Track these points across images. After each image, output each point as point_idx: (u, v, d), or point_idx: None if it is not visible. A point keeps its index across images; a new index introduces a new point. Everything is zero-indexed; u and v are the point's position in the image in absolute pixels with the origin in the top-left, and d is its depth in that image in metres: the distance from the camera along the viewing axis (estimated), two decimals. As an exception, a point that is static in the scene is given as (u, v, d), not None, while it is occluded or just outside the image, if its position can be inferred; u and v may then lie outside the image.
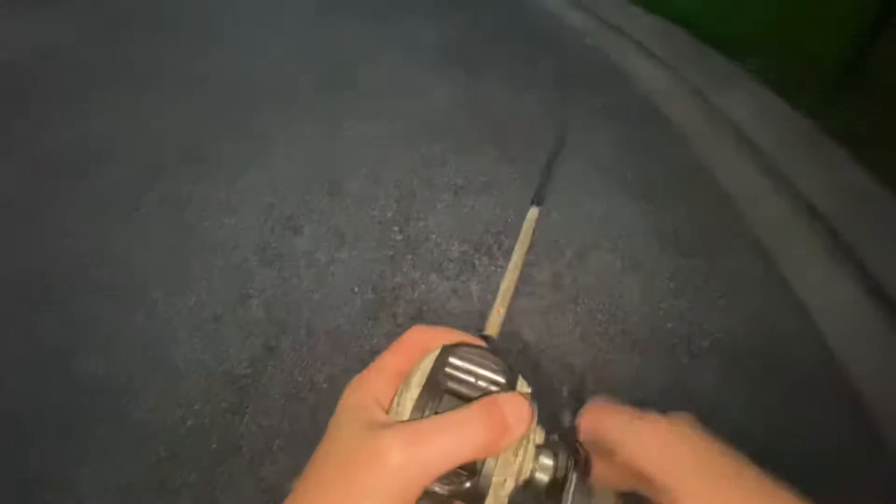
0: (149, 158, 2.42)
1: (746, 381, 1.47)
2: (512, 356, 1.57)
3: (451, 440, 0.21)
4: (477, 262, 1.89)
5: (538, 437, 0.25)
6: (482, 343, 0.27)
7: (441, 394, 0.24)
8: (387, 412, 0.24)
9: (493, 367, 0.25)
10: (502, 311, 0.30)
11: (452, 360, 0.25)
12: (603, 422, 0.29)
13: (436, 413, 0.23)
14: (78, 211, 2.11)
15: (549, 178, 0.37)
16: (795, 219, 1.82)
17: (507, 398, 0.23)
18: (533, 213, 0.33)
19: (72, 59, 3.36)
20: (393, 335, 1.34)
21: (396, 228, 2.00)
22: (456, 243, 1.95)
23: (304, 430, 1.42)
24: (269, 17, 3.91)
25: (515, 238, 1.54)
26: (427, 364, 0.25)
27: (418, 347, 0.27)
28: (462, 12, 3.82)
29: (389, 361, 0.27)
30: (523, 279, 1.78)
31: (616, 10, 3.61)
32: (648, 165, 2.30)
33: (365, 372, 0.26)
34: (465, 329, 0.29)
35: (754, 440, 1.34)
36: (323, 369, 1.56)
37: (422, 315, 1.71)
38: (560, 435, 0.27)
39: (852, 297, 1.52)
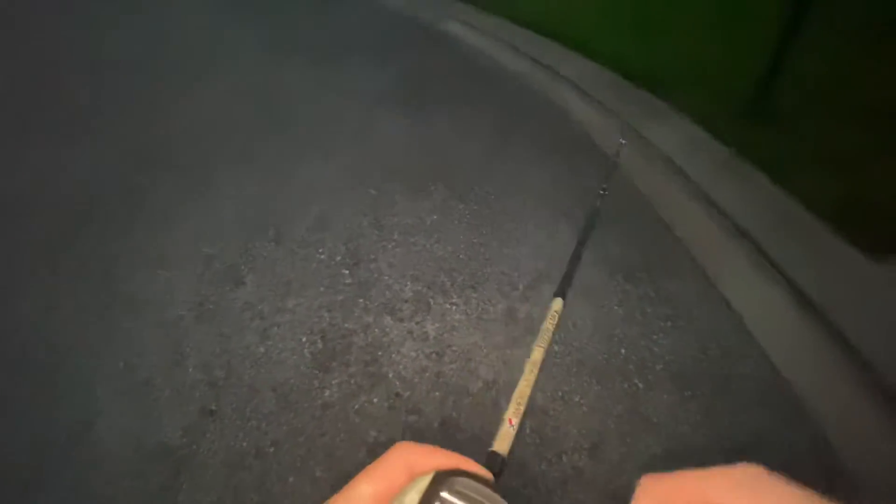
0: (75, 207, 2.26)
1: (700, 402, 1.49)
2: (469, 395, 1.52)
3: None
4: (431, 300, 1.85)
5: None
6: (481, 471, 0.23)
7: None
8: None
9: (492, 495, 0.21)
10: (515, 422, 0.25)
11: (445, 495, 0.20)
12: (673, 489, 0.24)
13: None
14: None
15: (576, 269, 0.34)
16: (726, 239, 1.93)
17: None
18: (557, 304, 0.29)
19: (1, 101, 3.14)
20: (345, 386, 1.27)
21: (346, 272, 1.95)
22: (409, 283, 1.91)
23: (249, 504, 1.29)
24: (212, 58, 3.87)
25: (468, 274, 1.52)
26: (413, 498, 0.21)
27: (402, 472, 0.22)
28: (406, 55, 3.94)
29: (365, 489, 0.22)
30: (477, 315, 1.76)
31: (552, 53, 3.85)
32: (589, 195, 2.39)
33: (333, 500, 0.22)
34: (461, 450, 0.24)
35: (715, 462, 1.34)
36: (269, 431, 1.44)
37: (377, 361, 1.64)
38: None
39: (784, 310, 1.61)
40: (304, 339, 1.69)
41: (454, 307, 1.81)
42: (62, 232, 2.13)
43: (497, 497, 0.21)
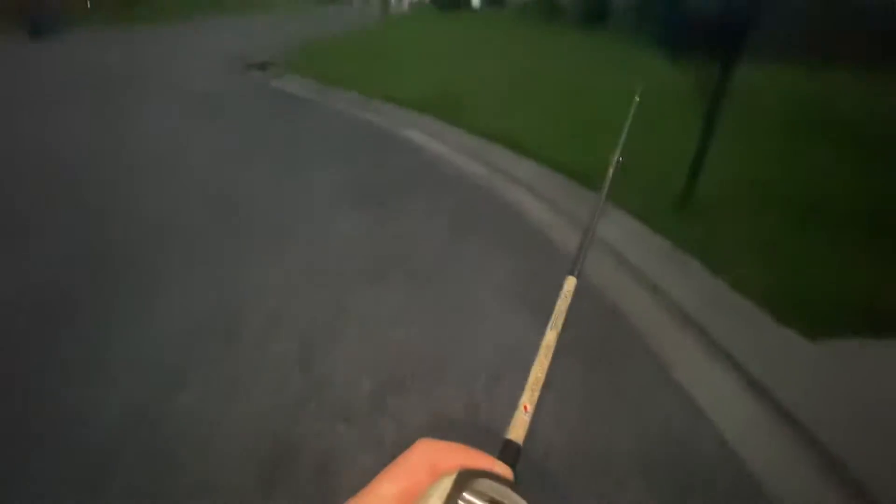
0: (6, 314, 2.10)
1: (670, 495, 1.43)
2: None
3: None
4: (389, 401, 1.76)
5: None
6: (504, 470, 0.23)
7: None
8: None
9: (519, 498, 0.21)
10: (530, 408, 0.25)
11: (468, 495, 0.20)
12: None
13: None
14: None
15: (588, 248, 0.32)
16: (675, 326, 2.01)
17: None
18: (570, 283, 0.29)
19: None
20: (294, 500, 1.14)
21: (298, 370, 1.85)
22: (365, 381, 1.83)
23: None
24: (174, 160, 3.96)
25: (427, 367, 1.48)
26: (446, 484, 0.21)
27: (425, 471, 0.22)
28: (369, 158, 4.20)
29: (388, 488, 0.21)
30: (436, 413, 1.68)
31: (504, 158, 4.21)
32: (545, 288, 2.47)
33: (354, 499, 0.21)
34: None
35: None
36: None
37: (327, 470, 1.50)
38: None
39: (734, 392, 1.64)
40: (249, 447, 1.54)
41: (413, 406, 1.73)
42: (1, 335, 1.96)
43: (518, 498, 0.21)
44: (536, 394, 0.25)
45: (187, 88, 7.06)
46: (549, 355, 0.26)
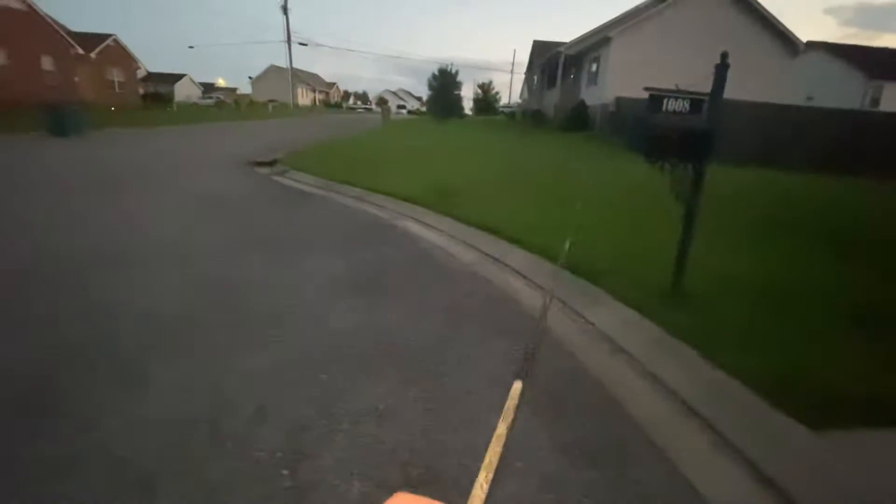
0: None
1: None
2: None
3: None
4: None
5: None
6: None
7: None
8: None
9: None
10: (485, 487, 0.26)
11: None
12: None
13: None
14: None
15: (536, 351, 0.35)
16: (676, 416, 1.95)
17: None
18: (516, 387, 0.31)
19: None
20: None
21: (285, 472, 1.73)
22: (356, 482, 1.71)
23: None
24: (173, 251, 4.03)
25: (423, 466, 1.43)
26: None
27: None
28: (363, 248, 4.32)
29: None
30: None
31: (497, 247, 4.36)
32: (541, 377, 2.42)
33: None
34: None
35: None
36: None
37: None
38: None
39: (745, 488, 1.54)
40: (221, 567, 1.39)
41: (406, 511, 1.60)
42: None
43: None
44: (490, 475, 0.27)
45: (194, 183, 7.44)
46: (501, 443, 0.28)
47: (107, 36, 30.94)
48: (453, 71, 31.68)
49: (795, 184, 7.42)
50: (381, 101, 76.81)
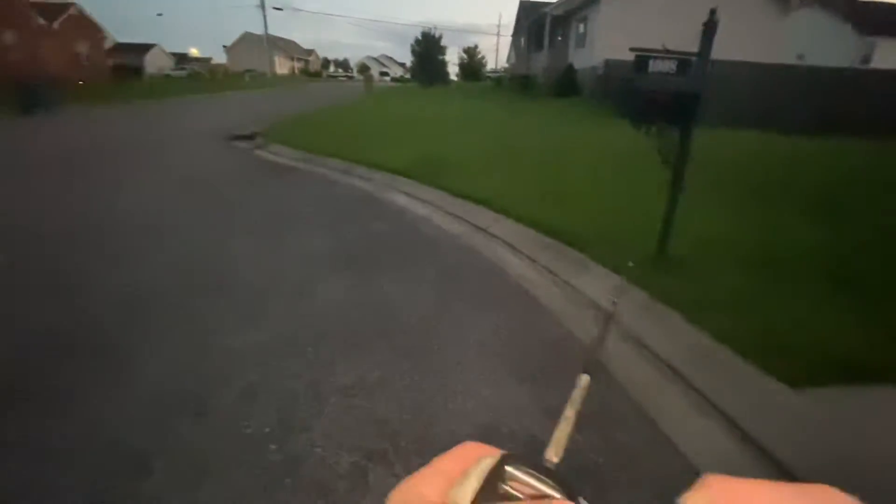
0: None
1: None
2: None
3: None
4: (371, 474, 1.67)
5: None
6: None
7: (498, 497, 0.22)
8: None
9: (552, 482, 0.23)
10: (556, 460, 0.26)
11: (510, 469, 0.23)
12: (738, 494, 0.21)
13: None
14: None
15: (601, 347, 0.35)
16: (661, 379, 1.99)
17: (559, 501, 0.22)
18: (585, 379, 0.32)
19: None
20: None
21: (274, 446, 1.75)
22: (345, 454, 1.74)
23: None
24: (154, 228, 3.95)
25: (412, 437, 1.44)
26: (488, 463, 0.23)
27: (473, 456, 0.24)
28: (350, 223, 4.26)
29: (442, 465, 0.25)
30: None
31: (484, 217, 4.33)
32: (527, 343, 2.45)
33: (413, 476, 0.24)
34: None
35: None
36: None
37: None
38: None
39: (724, 444, 1.60)
40: (216, 540, 1.41)
41: (396, 480, 1.63)
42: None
43: (554, 473, 0.23)
44: (560, 450, 0.27)
45: (171, 159, 7.21)
46: (570, 424, 0.29)
47: (68, 5, 29.17)
48: (437, 35, 30.70)
49: (787, 146, 7.44)
50: (363, 69, 74.45)
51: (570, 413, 0.29)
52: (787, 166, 6.06)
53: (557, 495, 0.22)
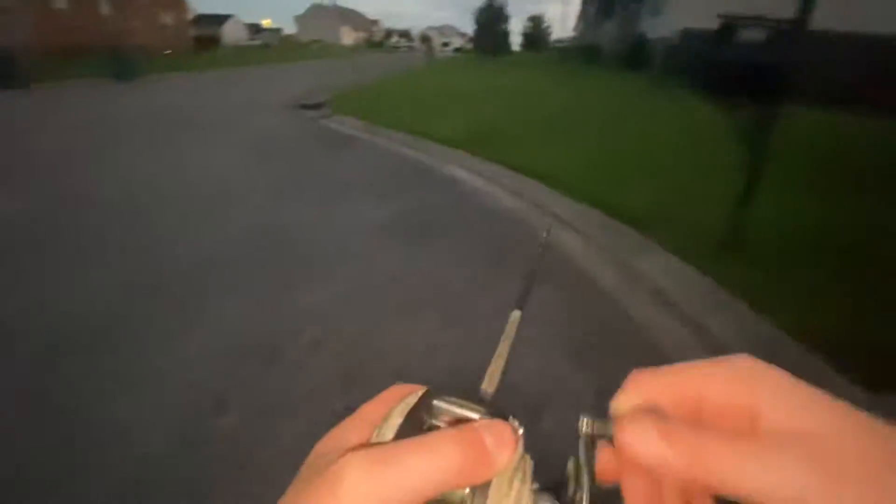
0: (63, 333, 2.29)
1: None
2: None
3: (420, 461, 0.18)
4: (421, 430, 1.77)
5: (533, 482, 0.22)
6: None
7: (424, 432, 0.21)
8: None
9: (480, 408, 0.22)
10: (490, 391, 0.26)
11: (437, 402, 0.23)
12: (667, 380, 0.22)
13: None
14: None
15: (532, 283, 0.34)
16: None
17: (485, 422, 0.21)
18: (516, 314, 0.32)
19: (20, 232, 3.38)
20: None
21: (336, 396, 1.90)
22: (399, 410, 1.85)
23: None
24: (222, 196, 4.26)
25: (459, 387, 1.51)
26: (411, 400, 0.23)
27: (398, 396, 0.24)
28: (408, 194, 4.35)
29: (369, 410, 0.24)
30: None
31: (542, 193, 4.26)
32: (581, 322, 2.44)
33: (340, 423, 0.24)
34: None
35: None
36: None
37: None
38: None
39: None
40: (287, 473, 1.58)
41: (446, 438, 1.73)
42: (49, 354, 2.14)
43: (482, 400, 0.22)
44: (495, 382, 0.27)
45: (244, 126, 7.64)
46: (503, 359, 0.28)
47: (156, -24, 31.02)
48: (500, 4, 29.57)
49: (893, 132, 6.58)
50: (425, 39, 73.59)
51: (503, 347, 0.29)
52: (891, 155, 5.39)
53: (480, 417, 0.22)
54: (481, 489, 0.20)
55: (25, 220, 3.66)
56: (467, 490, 0.20)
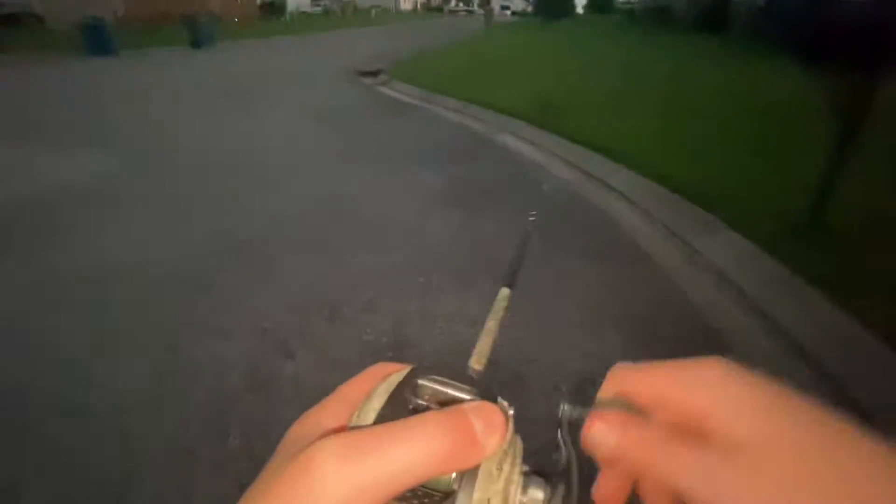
0: (152, 281, 2.55)
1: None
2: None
3: (402, 449, 0.17)
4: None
5: (522, 465, 0.21)
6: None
7: (408, 412, 0.20)
8: None
9: (468, 387, 0.21)
10: (479, 368, 0.25)
11: (422, 382, 0.21)
12: (640, 377, 0.23)
13: None
14: (68, 330, 2.17)
15: (521, 262, 0.33)
16: (786, 358, 1.83)
17: (473, 405, 0.20)
18: (505, 292, 0.30)
19: (108, 189, 3.75)
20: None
21: (390, 354, 2.01)
22: (447, 372, 1.93)
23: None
24: (292, 164, 4.46)
25: (510, 371, 1.56)
26: (394, 379, 0.21)
27: (381, 375, 0.23)
28: (464, 163, 4.35)
29: (349, 389, 0.23)
30: (518, 415, 1.72)
31: (601, 166, 4.11)
32: (636, 302, 2.39)
33: (315, 406, 0.22)
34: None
35: None
36: (296, 509, 1.42)
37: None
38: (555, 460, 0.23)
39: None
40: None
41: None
42: (142, 300, 2.40)
43: (469, 379, 0.22)
44: (483, 360, 0.25)
45: (306, 92, 7.85)
46: (491, 336, 0.27)
47: (225, -56, 31.72)
48: (567, -38, 27.64)
49: None
50: (484, 2, 70.88)
51: (491, 324, 0.28)
52: None
53: (470, 398, 0.21)
54: (469, 474, 0.18)
55: (113, 179, 4.04)
56: (454, 475, 0.19)
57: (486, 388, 0.21)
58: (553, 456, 0.23)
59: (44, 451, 1.61)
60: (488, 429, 0.19)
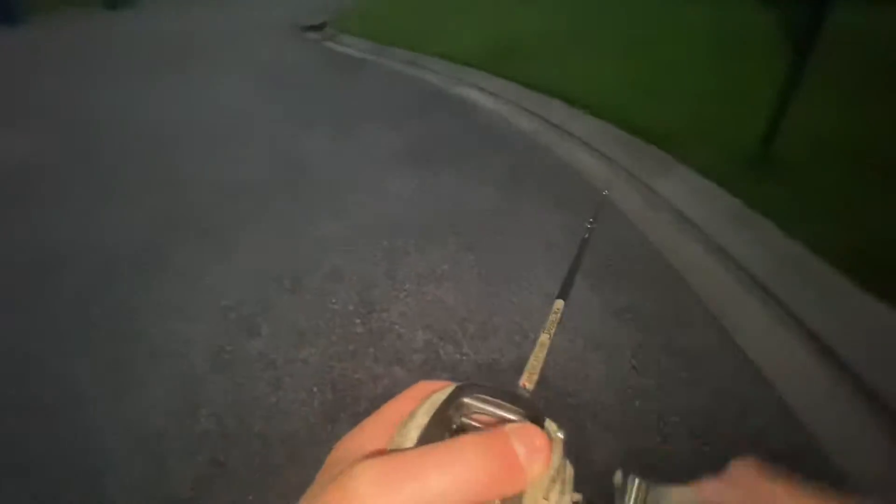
0: (102, 265, 2.39)
1: (719, 455, 1.42)
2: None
3: (440, 474, 0.17)
4: (441, 350, 1.85)
5: (574, 493, 0.20)
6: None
7: (452, 432, 0.20)
8: None
9: (515, 407, 0.20)
10: (529, 386, 0.24)
11: (467, 399, 0.21)
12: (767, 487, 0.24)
13: None
14: (18, 323, 2.02)
15: (576, 273, 0.32)
16: (740, 289, 1.91)
17: (515, 426, 0.19)
18: (559, 304, 0.30)
19: (40, 171, 3.43)
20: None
21: (358, 321, 1.98)
22: (420, 332, 1.93)
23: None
24: (237, 129, 4.18)
25: (479, 323, 1.55)
26: (437, 398, 0.21)
27: (424, 394, 0.22)
28: (420, 119, 4.19)
29: (392, 409, 0.22)
30: (487, 365, 1.75)
31: (559, 112, 4.05)
32: (599, 247, 2.42)
33: (357, 426, 0.22)
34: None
35: None
36: (276, 484, 1.42)
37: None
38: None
39: (804, 359, 1.56)
40: (314, 390, 1.70)
41: (464, 358, 1.81)
42: (92, 286, 2.25)
43: (517, 396, 0.21)
44: (535, 377, 0.25)
45: (246, 52, 7.28)
46: (544, 350, 0.26)
47: None
48: None
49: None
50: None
51: (544, 339, 0.27)
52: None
53: (516, 419, 0.20)
54: (512, 501, 0.18)
55: (43, 160, 3.69)
56: (497, 502, 0.18)
57: (536, 409, 0.20)
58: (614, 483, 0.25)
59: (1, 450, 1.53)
60: (531, 453, 0.18)
